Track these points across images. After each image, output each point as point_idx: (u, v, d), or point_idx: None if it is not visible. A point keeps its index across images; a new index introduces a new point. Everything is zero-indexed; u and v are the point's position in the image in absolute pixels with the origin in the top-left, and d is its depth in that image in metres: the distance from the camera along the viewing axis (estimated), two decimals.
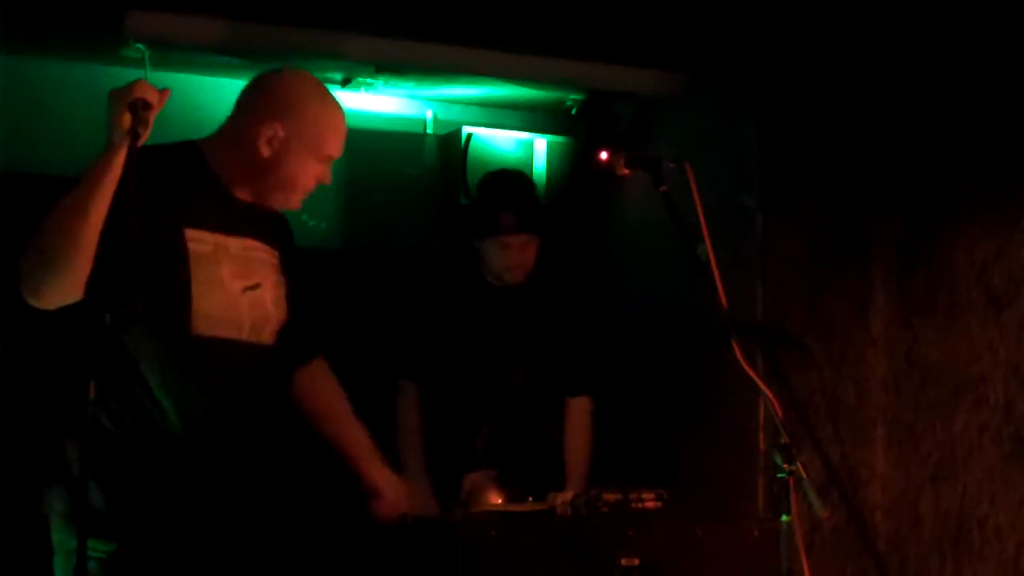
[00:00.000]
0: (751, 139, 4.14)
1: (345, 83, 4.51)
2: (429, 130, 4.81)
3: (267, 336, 2.92)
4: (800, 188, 4.15)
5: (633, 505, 3.22)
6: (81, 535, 2.32)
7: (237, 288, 2.84)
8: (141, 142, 2.49)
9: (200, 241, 2.78)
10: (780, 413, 2.96)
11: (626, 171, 3.39)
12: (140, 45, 3.96)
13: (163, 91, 2.57)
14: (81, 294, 2.58)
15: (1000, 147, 3.84)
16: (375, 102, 4.71)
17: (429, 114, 4.82)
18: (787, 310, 4.11)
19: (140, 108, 2.50)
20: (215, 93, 4.52)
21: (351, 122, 4.64)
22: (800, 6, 4.07)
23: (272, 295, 2.93)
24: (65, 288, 2.59)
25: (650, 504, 3.24)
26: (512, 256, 3.98)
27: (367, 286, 4.63)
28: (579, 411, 4.09)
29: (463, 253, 4.11)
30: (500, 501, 3.39)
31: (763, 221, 4.10)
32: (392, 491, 3.13)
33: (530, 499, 3.35)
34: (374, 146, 4.72)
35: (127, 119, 2.49)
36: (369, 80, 4.47)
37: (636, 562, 3.10)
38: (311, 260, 4.59)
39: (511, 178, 4.25)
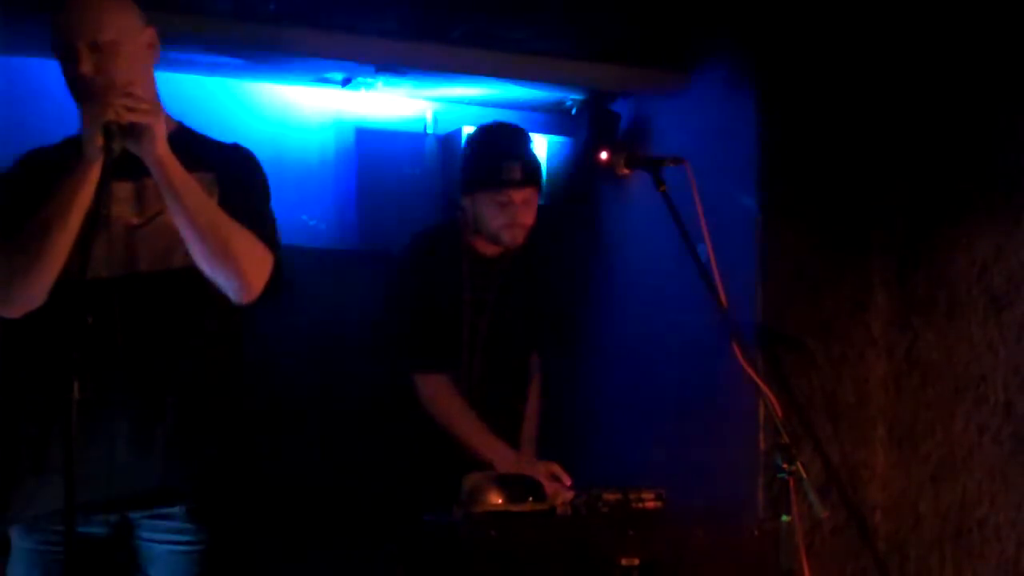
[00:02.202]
0: (751, 139, 4.14)
1: (345, 83, 4.51)
2: (429, 130, 4.81)
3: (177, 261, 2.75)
4: (800, 188, 4.15)
5: (633, 505, 3.22)
6: (68, 533, 2.30)
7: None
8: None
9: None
10: (780, 413, 2.96)
11: (626, 171, 3.41)
12: None
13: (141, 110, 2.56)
14: (43, 301, 2.60)
15: (1000, 147, 3.84)
16: (375, 102, 4.71)
17: (429, 114, 4.82)
18: (787, 310, 4.11)
19: (114, 130, 2.51)
20: (215, 93, 4.53)
21: (352, 122, 4.71)
22: (800, 6, 4.07)
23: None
24: (36, 297, 2.61)
25: (650, 504, 3.24)
26: (516, 212, 3.74)
27: (367, 286, 4.63)
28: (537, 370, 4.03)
29: (451, 226, 3.89)
30: (500, 501, 3.38)
31: (763, 221, 4.10)
32: None
33: (530, 499, 3.35)
34: (374, 146, 4.72)
35: (99, 139, 2.52)
36: (369, 80, 4.47)
37: (636, 562, 3.10)
38: (310, 260, 4.63)
39: (511, 129, 3.97)
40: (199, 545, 2.77)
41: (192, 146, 2.80)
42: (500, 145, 3.84)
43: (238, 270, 2.72)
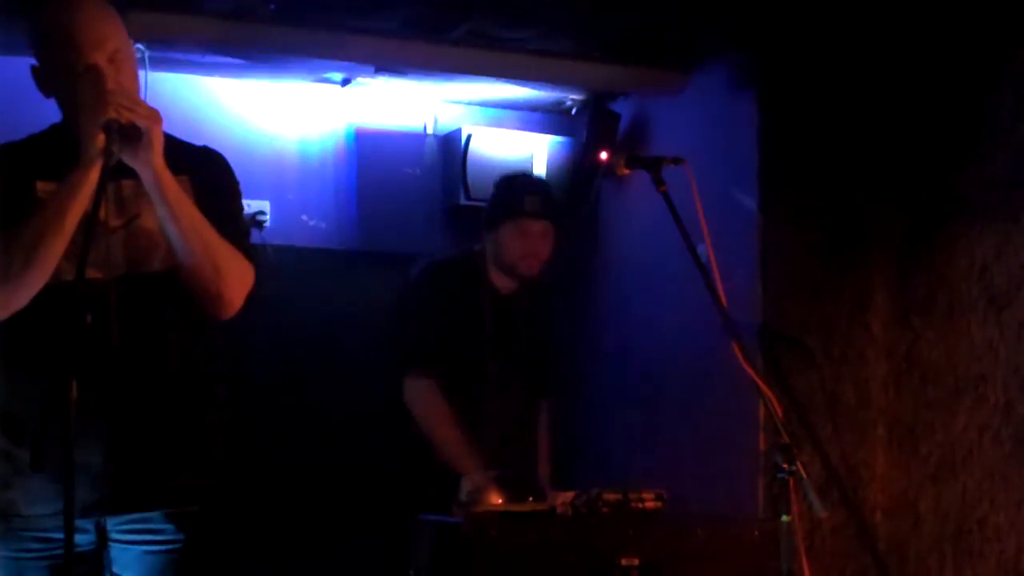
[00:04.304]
0: (751, 139, 4.14)
1: (345, 83, 4.52)
2: (429, 130, 4.82)
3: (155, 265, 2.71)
4: (800, 188, 4.15)
5: (633, 505, 3.21)
6: (68, 535, 2.28)
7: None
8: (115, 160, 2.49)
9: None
10: (780, 413, 2.96)
11: (626, 171, 3.40)
12: (140, 45, 3.97)
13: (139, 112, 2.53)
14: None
15: (1000, 148, 3.84)
16: (375, 102, 4.71)
17: (429, 114, 4.82)
18: (787, 310, 4.11)
19: (115, 130, 2.49)
20: (215, 93, 4.53)
21: (352, 122, 4.71)
22: (800, 6, 4.07)
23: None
24: (24, 300, 2.57)
25: (650, 504, 3.24)
26: (533, 243, 3.90)
27: (366, 286, 4.64)
28: (546, 411, 4.11)
29: (470, 260, 3.99)
30: (500, 501, 3.39)
31: (763, 221, 4.10)
32: None
33: (530, 499, 3.35)
34: (374, 146, 4.72)
35: (101, 139, 2.49)
36: (369, 80, 4.47)
37: (636, 562, 3.10)
38: (310, 260, 4.64)
39: (534, 175, 4.36)
40: (175, 545, 2.74)
41: (164, 148, 2.70)
42: (522, 181, 4.08)
43: (223, 288, 2.71)
